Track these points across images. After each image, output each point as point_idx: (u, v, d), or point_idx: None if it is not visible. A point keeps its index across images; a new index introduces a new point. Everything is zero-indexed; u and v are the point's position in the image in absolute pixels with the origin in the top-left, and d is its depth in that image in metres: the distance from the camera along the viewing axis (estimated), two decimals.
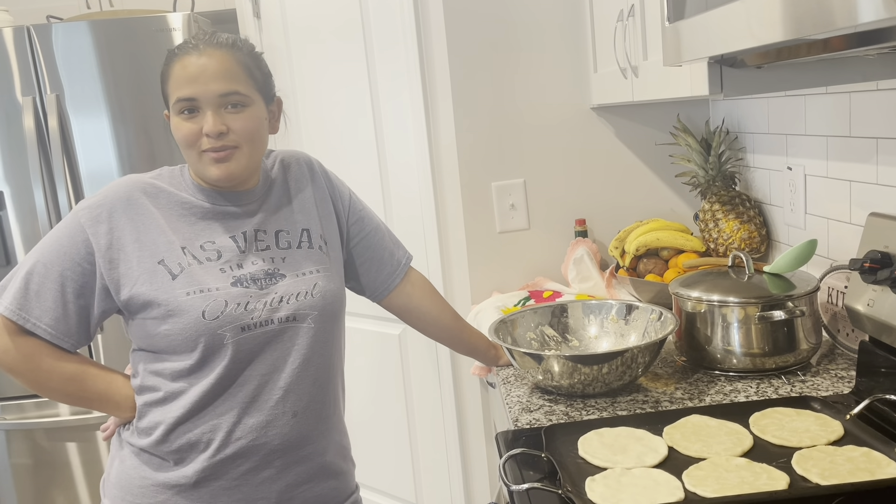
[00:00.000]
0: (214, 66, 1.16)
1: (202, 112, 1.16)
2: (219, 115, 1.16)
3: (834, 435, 1.10)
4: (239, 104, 1.18)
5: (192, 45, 1.18)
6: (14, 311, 1.15)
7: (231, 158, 1.18)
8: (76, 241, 1.17)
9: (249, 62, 1.21)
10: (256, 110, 1.21)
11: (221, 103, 1.17)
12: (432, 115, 2.02)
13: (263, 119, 1.23)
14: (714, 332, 1.38)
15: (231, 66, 1.17)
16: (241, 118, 1.18)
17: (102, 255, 1.17)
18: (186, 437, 1.20)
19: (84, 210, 1.19)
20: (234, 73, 1.17)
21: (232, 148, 1.18)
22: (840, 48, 0.98)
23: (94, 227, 1.17)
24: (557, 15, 2.00)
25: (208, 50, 1.17)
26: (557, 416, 1.29)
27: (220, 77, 1.16)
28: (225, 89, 1.16)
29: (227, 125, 1.17)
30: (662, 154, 2.07)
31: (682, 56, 1.11)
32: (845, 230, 1.47)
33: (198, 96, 1.16)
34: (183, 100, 1.16)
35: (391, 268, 1.45)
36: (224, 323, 1.17)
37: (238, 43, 1.22)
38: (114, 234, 1.18)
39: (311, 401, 1.26)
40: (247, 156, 1.20)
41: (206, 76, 1.15)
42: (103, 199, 1.20)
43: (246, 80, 1.19)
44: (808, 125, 1.56)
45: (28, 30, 2.31)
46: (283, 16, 2.35)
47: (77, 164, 2.38)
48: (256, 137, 1.21)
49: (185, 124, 1.17)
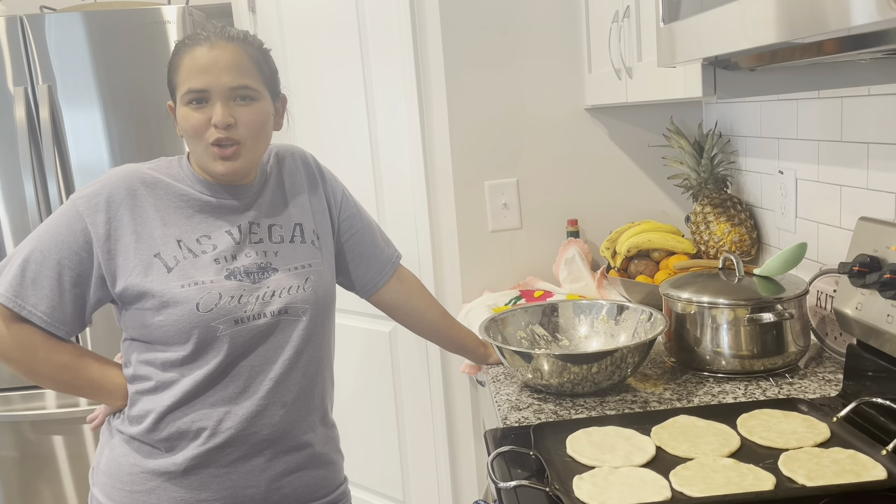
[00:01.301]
0: (227, 58, 1.17)
1: (211, 103, 1.17)
2: (228, 107, 1.17)
3: (820, 437, 1.10)
4: (248, 98, 1.19)
5: (204, 36, 1.18)
6: (10, 299, 1.15)
7: (236, 156, 1.19)
8: (74, 229, 1.17)
9: (259, 57, 1.22)
10: (264, 105, 1.22)
11: (231, 96, 1.17)
12: (426, 113, 2.02)
13: (270, 115, 1.24)
14: (703, 333, 1.38)
15: (242, 60, 1.18)
16: (250, 112, 1.19)
17: (101, 245, 1.17)
18: (177, 425, 1.21)
19: (82, 199, 1.18)
20: (245, 67, 1.18)
21: (237, 144, 1.18)
22: (833, 52, 0.98)
23: (92, 217, 1.17)
24: (553, 15, 2.00)
25: (220, 42, 1.17)
26: (546, 414, 1.29)
27: (231, 70, 1.17)
28: (236, 82, 1.17)
29: (235, 117, 1.17)
30: (655, 156, 2.08)
31: (676, 57, 1.12)
32: (835, 234, 1.48)
33: (209, 87, 1.16)
34: (194, 91, 1.17)
35: (380, 265, 1.45)
36: (218, 315, 1.18)
37: (249, 38, 1.22)
38: (112, 224, 1.18)
39: (301, 392, 1.27)
40: (251, 151, 1.21)
41: (217, 68, 1.16)
42: (101, 188, 1.20)
43: (256, 75, 1.20)
44: (800, 129, 1.57)
45: (21, 20, 2.29)
46: (279, 11, 2.35)
47: (68, 155, 2.36)
48: (261, 132, 1.22)
49: (193, 114, 1.17)
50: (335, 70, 2.22)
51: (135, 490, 1.22)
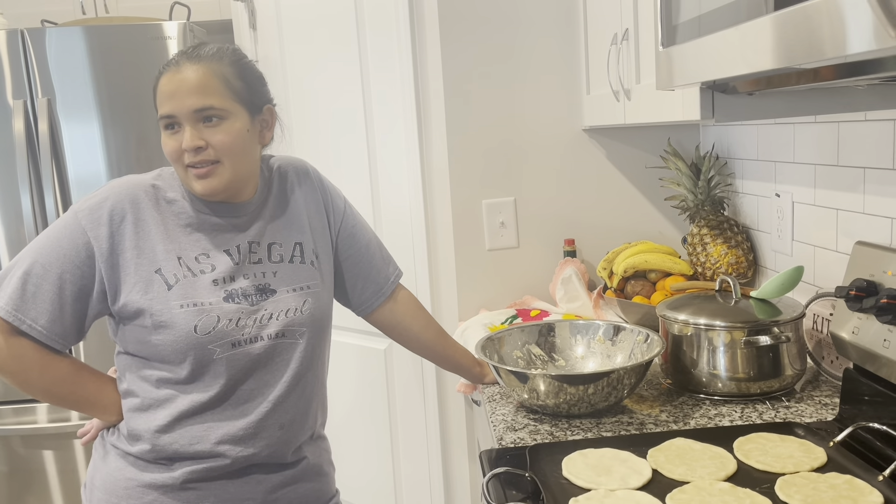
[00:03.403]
0: (190, 81, 1.16)
1: (182, 128, 1.16)
2: (196, 130, 1.16)
3: (817, 462, 1.10)
4: (215, 118, 1.17)
5: (175, 61, 1.19)
6: (10, 313, 1.14)
7: (213, 174, 1.18)
8: (77, 243, 1.16)
9: (229, 73, 1.19)
10: (235, 123, 1.19)
11: (197, 118, 1.16)
12: (425, 131, 2.03)
13: (245, 131, 1.20)
14: (700, 355, 1.38)
15: (206, 80, 1.16)
16: (219, 132, 1.17)
17: (104, 259, 1.16)
18: (173, 446, 1.20)
19: (84, 211, 1.17)
20: (208, 87, 1.16)
21: (213, 163, 1.17)
22: (830, 78, 0.99)
23: (95, 231, 1.16)
24: (552, 37, 2.02)
25: (186, 65, 1.17)
26: (542, 435, 1.29)
27: (194, 92, 1.15)
28: (198, 104, 1.15)
29: (205, 140, 1.16)
30: (652, 177, 2.09)
31: (675, 80, 1.12)
32: (831, 258, 1.48)
33: (175, 112, 1.16)
34: (164, 116, 1.17)
35: (377, 286, 1.45)
36: (215, 339, 1.17)
37: (220, 53, 1.20)
38: (115, 238, 1.17)
39: (297, 413, 1.27)
40: (229, 170, 1.19)
41: (181, 92, 1.15)
42: (103, 201, 1.19)
43: (223, 93, 1.17)
44: (797, 153, 1.58)
45: (22, 33, 2.30)
46: (279, 28, 2.36)
47: (66, 169, 2.36)
48: (238, 150, 1.19)
49: (169, 141, 1.18)
50: (334, 86, 2.23)
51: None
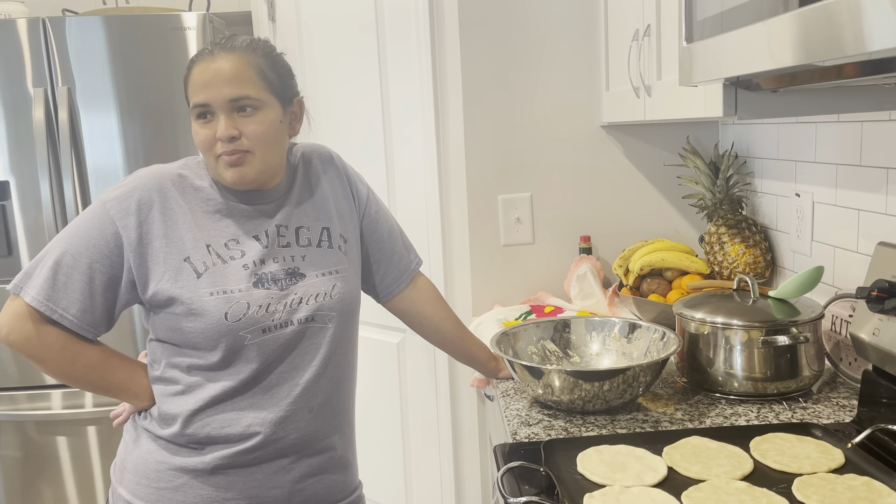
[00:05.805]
0: (225, 70, 1.16)
1: (216, 117, 1.17)
2: (231, 120, 1.17)
3: (835, 463, 1.09)
4: (250, 108, 1.18)
5: (208, 50, 1.19)
6: (42, 302, 1.15)
7: (244, 163, 1.19)
8: (106, 233, 1.17)
9: (263, 64, 1.20)
10: (269, 113, 1.20)
11: (233, 108, 1.17)
12: (443, 126, 2.03)
13: (277, 122, 1.22)
14: (716, 354, 1.37)
15: (242, 69, 1.17)
16: (253, 122, 1.18)
17: (133, 249, 1.17)
18: (205, 430, 1.21)
19: (113, 201, 1.18)
20: (244, 77, 1.17)
21: (244, 152, 1.18)
22: (855, 75, 0.98)
23: (123, 220, 1.17)
24: (572, 32, 2.01)
25: (221, 54, 1.18)
26: (556, 431, 1.28)
27: (230, 82, 1.16)
28: (235, 94, 1.16)
29: (239, 129, 1.17)
30: (670, 175, 2.08)
31: (698, 76, 1.12)
32: (851, 259, 1.47)
33: (210, 101, 1.16)
34: (198, 105, 1.18)
35: (398, 272, 1.45)
36: (246, 325, 1.18)
37: (254, 44, 1.22)
38: (143, 227, 1.18)
39: (328, 398, 1.28)
40: (260, 160, 1.20)
41: (217, 81, 1.16)
42: (132, 191, 1.19)
43: (257, 83, 1.19)
44: (818, 152, 1.56)
45: (43, 21, 2.31)
46: (298, 20, 2.36)
47: (84, 158, 2.38)
48: (270, 141, 1.20)
49: (201, 130, 1.19)
50: (353, 79, 2.23)
51: (161, 487, 1.22)
